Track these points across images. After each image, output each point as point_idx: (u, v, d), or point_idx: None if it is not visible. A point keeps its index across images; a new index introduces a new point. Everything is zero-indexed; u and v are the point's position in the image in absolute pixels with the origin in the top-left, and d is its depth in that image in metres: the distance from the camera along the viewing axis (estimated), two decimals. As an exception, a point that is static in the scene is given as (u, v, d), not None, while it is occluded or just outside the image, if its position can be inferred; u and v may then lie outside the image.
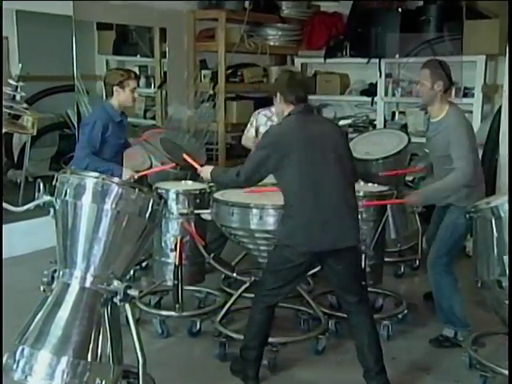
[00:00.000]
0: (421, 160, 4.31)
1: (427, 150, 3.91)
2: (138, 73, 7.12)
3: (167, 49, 6.44)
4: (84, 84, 5.90)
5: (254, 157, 3.08)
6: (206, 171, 3.33)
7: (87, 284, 2.52)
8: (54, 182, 2.64)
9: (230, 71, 6.59)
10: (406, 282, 4.60)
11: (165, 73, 6.63)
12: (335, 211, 2.97)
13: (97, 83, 6.69)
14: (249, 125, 4.89)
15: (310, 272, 3.80)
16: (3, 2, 3.29)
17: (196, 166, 3.53)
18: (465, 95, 5.96)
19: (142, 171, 4.19)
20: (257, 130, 4.79)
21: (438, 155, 3.64)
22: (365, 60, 6.49)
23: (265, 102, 6.30)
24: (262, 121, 4.78)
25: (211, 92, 6.30)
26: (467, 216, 3.28)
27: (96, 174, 2.61)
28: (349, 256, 3.06)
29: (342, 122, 6.75)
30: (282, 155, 2.96)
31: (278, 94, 3.13)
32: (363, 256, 3.62)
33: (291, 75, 3.16)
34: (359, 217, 3.12)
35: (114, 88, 3.94)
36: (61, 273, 2.55)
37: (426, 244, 4.09)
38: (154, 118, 6.92)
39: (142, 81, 7.19)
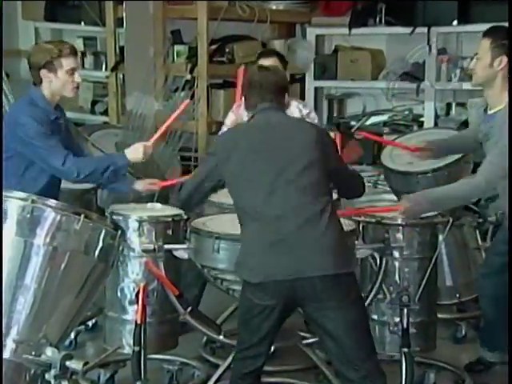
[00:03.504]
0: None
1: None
2: (81, 47, 7.28)
3: (124, 14, 6.47)
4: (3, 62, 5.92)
5: (195, 172, 3.43)
6: None
7: (7, 354, 2.51)
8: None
9: (214, 47, 6.62)
10: (469, 349, 4.58)
11: (121, 48, 6.65)
12: (299, 230, 3.10)
13: (21, 61, 6.71)
14: (230, 113, 4.93)
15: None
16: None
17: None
18: None
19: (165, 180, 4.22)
20: None
21: None
22: (408, 29, 6.52)
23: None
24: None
25: (188, 77, 6.32)
26: None
27: (22, 195, 2.60)
28: (343, 303, 3.10)
29: (373, 119, 6.76)
30: (222, 161, 3.25)
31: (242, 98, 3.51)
32: (405, 310, 3.63)
33: (257, 72, 3.45)
34: (341, 241, 3.20)
35: (41, 72, 3.74)
36: (-30, 337, 2.54)
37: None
38: (105, 112, 6.94)
39: (89, 59, 7.24)
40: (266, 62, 4.70)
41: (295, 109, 4.88)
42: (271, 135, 3.26)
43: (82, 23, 7.21)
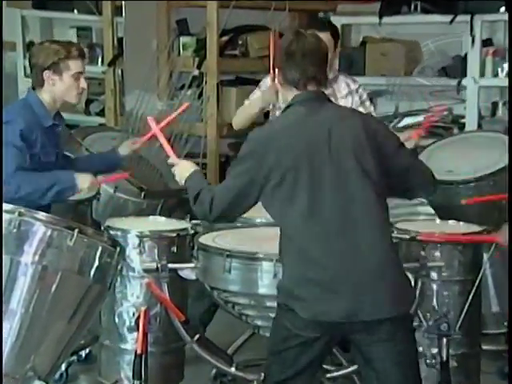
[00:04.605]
0: None
1: None
2: (74, 38, 7.30)
3: (124, 1, 6.50)
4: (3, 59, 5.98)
5: (229, 181, 3.16)
6: (181, 170, 3.37)
7: (-9, 387, 2.52)
8: None
9: (225, 39, 6.64)
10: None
11: (120, 40, 6.68)
12: (360, 257, 3.01)
13: (7, 54, 6.75)
14: (256, 89, 4.96)
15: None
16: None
17: (169, 151, 3.50)
18: None
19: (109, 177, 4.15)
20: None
21: None
22: (448, 18, 6.52)
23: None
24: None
25: (195, 72, 6.34)
26: None
27: (9, 207, 2.61)
28: (396, 336, 3.05)
29: (407, 121, 6.75)
30: (268, 172, 3.04)
31: (276, 71, 3.25)
32: (444, 340, 3.62)
33: (296, 39, 3.21)
34: (403, 275, 3.12)
35: (45, 74, 3.85)
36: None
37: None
38: (101, 113, 6.97)
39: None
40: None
41: (342, 83, 4.87)
42: (317, 142, 3.06)
43: (76, 11, 7.24)
